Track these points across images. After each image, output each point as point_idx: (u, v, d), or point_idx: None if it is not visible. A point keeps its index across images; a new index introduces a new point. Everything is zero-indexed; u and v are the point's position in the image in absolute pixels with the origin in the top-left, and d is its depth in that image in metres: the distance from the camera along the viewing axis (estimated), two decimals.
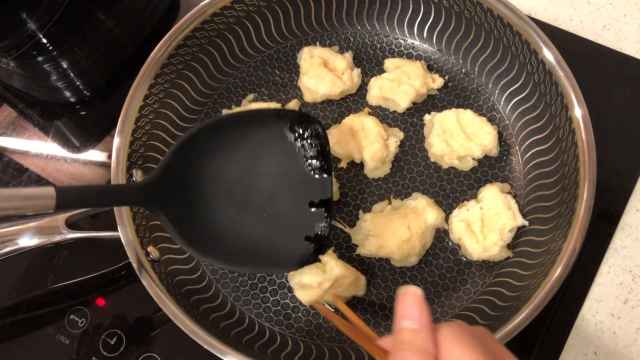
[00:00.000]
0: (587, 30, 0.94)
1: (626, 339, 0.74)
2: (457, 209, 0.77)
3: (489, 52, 0.82)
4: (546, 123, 0.76)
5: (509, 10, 0.76)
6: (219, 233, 0.65)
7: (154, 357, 0.74)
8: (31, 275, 0.80)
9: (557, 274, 0.64)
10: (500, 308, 0.69)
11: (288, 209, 0.69)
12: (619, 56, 0.91)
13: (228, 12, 0.82)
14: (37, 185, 0.50)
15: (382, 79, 0.84)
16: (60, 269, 0.80)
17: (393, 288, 0.75)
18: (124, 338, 0.75)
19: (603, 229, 0.80)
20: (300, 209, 0.70)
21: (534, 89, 0.78)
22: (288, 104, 0.85)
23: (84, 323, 0.76)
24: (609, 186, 0.81)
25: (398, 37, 0.89)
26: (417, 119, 0.84)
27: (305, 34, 0.89)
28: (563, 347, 0.74)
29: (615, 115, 0.86)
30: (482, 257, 0.74)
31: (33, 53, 0.95)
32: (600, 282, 0.77)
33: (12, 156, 0.90)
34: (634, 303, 0.76)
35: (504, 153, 0.81)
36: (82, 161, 0.89)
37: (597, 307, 0.76)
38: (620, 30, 0.94)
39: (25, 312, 0.78)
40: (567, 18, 0.95)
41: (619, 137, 0.85)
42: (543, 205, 0.74)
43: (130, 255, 0.67)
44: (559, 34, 0.92)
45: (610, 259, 0.78)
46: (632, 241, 0.79)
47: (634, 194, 0.82)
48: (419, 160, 0.81)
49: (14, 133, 0.92)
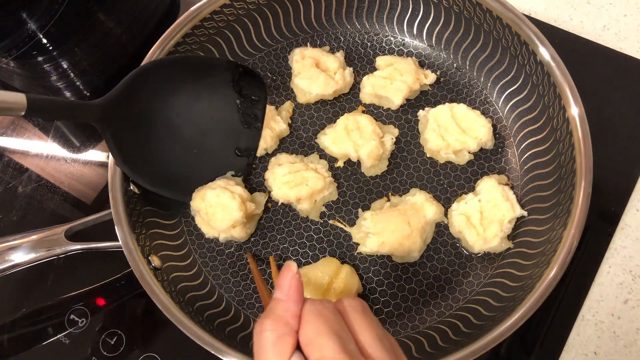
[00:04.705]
0: (587, 30, 0.94)
1: (626, 339, 0.74)
2: (455, 203, 0.77)
3: (479, 45, 0.83)
4: (540, 113, 0.77)
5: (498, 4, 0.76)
6: (151, 157, 0.73)
7: (154, 357, 0.74)
8: (31, 276, 0.80)
9: (559, 262, 0.65)
10: (504, 299, 0.69)
11: (217, 149, 0.79)
12: (619, 56, 0.91)
13: (218, 16, 0.82)
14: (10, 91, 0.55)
15: (375, 76, 0.84)
16: (60, 269, 0.80)
17: (396, 285, 0.75)
18: (124, 338, 0.75)
19: (603, 229, 0.80)
20: (227, 152, 0.80)
21: (526, 80, 0.78)
22: (282, 106, 0.85)
23: (84, 323, 0.76)
24: (609, 186, 0.82)
25: (388, 34, 0.89)
26: (412, 115, 0.84)
27: (295, 35, 0.89)
28: (563, 347, 0.74)
29: (615, 115, 0.86)
30: (483, 249, 0.74)
31: (33, 53, 0.94)
32: (600, 282, 0.77)
33: (12, 156, 0.90)
34: (634, 303, 0.76)
35: (499, 145, 0.81)
36: (82, 161, 0.89)
37: (597, 307, 0.76)
38: (620, 30, 0.94)
39: (25, 312, 0.78)
40: (567, 18, 0.95)
41: (619, 137, 0.85)
42: (541, 195, 0.75)
43: (133, 265, 0.67)
44: (559, 34, 0.93)
45: (610, 259, 0.79)
46: (632, 241, 0.80)
47: (634, 194, 0.82)
48: (415, 156, 0.82)
49: (14, 133, 0.92)
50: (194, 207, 0.77)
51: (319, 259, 0.76)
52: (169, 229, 0.77)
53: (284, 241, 0.78)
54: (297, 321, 0.43)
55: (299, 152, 0.83)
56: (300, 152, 0.83)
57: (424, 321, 0.73)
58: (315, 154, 0.82)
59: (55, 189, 0.87)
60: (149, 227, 0.74)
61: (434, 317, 0.73)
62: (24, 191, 0.87)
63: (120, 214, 0.69)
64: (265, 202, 0.80)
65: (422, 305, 0.74)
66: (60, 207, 0.86)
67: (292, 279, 0.46)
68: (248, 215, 0.76)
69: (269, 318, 0.44)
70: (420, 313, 0.73)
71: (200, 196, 0.76)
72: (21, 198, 0.86)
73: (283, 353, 0.42)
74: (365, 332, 0.44)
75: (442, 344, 0.68)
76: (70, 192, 0.87)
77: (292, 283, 0.46)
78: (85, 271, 0.80)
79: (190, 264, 0.76)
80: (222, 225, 0.74)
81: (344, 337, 0.42)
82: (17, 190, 0.87)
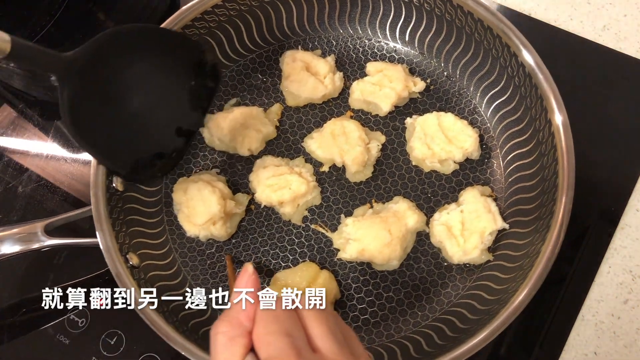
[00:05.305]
0: (587, 30, 0.93)
1: (626, 339, 0.74)
2: (437, 212, 0.77)
3: (470, 55, 0.82)
4: (527, 125, 0.76)
5: (488, 13, 0.75)
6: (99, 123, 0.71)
7: (154, 357, 0.74)
8: (31, 276, 0.81)
9: (535, 277, 0.64)
10: (479, 312, 0.69)
11: (160, 124, 0.78)
12: (619, 56, 0.90)
13: (209, 16, 0.82)
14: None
15: (364, 82, 0.84)
16: (60, 270, 0.80)
17: (374, 292, 0.75)
18: (124, 338, 0.75)
19: (603, 229, 0.80)
20: (168, 129, 0.79)
21: (514, 91, 0.78)
22: (270, 108, 0.85)
23: (84, 323, 0.77)
24: (609, 186, 0.82)
25: (380, 40, 0.89)
26: (399, 122, 0.84)
27: (287, 37, 0.89)
28: (563, 347, 0.74)
29: (615, 115, 0.86)
30: (462, 261, 0.74)
31: None
32: (600, 282, 0.77)
33: (12, 156, 0.90)
34: (634, 303, 0.76)
35: (485, 156, 0.81)
36: (82, 161, 0.89)
37: (597, 307, 0.76)
38: (620, 30, 0.93)
39: (25, 312, 0.78)
40: (567, 18, 0.94)
41: (619, 137, 0.85)
42: (523, 209, 0.74)
43: (109, 262, 0.67)
44: (559, 34, 0.92)
45: (610, 259, 0.78)
46: (632, 241, 0.79)
47: (634, 194, 0.82)
48: (401, 164, 0.81)
49: (14, 133, 0.92)
50: (176, 200, 0.78)
51: (299, 263, 0.76)
52: (151, 227, 0.78)
53: (265, 244, 0.78)
54: (252, 322, 0.44)
55: (285, 155, 0.83)
56: (287, 155, 0.83)
57: (400, 330, 0.73)
58: (301, 157, 0.82)
59: (55, 189, 0.87)
60: (129, 225, 0.74)
61: (409, 327, 0.73)
62: (24, 191, 0.87)
63: (100, 211, 0.70)
64: (248, 204, 0.80)
65: (398, 314, 0.74)
66: (60, 207, 0.86)
67: (248, 281, 0.47)
68: (228, 213, 0.76)
69: (224, 320, 0.44)
70: (397, 322, 0.73)
71: (183, 189, 0.76)
72: (21, 198, 0.87)
73: (235, 354, 0.42)
74: (315, 326, 0.44)
75: (415, 354, 0.68)
76: (70, 192, 0.87)
77: (248, 285, 0.46)
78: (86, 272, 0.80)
79: (170, 263, 0.77)
80: (201, 219, 0.75)
81: (294, 333, 0.42)
82: (17, 190, 0.87)
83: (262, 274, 0.76)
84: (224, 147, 0.83)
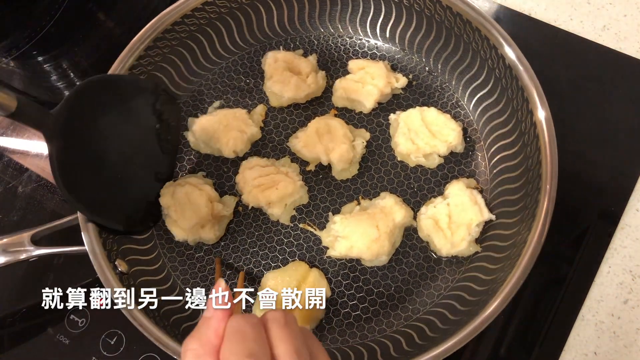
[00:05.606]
0: (587, 30, 0.94)
1: (626, 339, 0.74)
2: (424, 207, 0.77)
3: (451, 49, 0.83)
4: (509, 117, 0.77)
5: (466, 6, 0.76)
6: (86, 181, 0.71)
7: (154, 357, 0.74)
8: (31, 276, 0.80)
9: (522, 267, 0.65)
10: (469, 303, 0.69)
11: (138, 175, 0.78)
12: (619, 56, 0.91)
13: (189, 20, 0.82)
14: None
15: (347, 80, 0.84)
16: (60, 270, 0.80)
17: (364, 288, 0.75)
18: (124, 338, 0.75)
19: (603, 229, 0.80)
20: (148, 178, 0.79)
21: (496, 84, 0.79)
22: (254, 109, 0.85)
23: (84, 323, 0.76)
24: (609, 186, 0.82)
25: (361, 37, 0.89)
26: (383, 118, 0.84)
27: (268, 38, 0.90)
28: (563, 347, 0.74)
29: (615, 115, 0.86)
30: (450, 253, 0.74)
31: (33, 53, 0.95)
32: (600, 282, 0.77)
33: (12, 156, 0.90)
34: (634, 303, 0.76)
35: (469, 149, 0.81)
36: None
37: (597, 307, 0.76)
38: (620, 30, 0.93)
39: (26, 313, 0.78)
40: (567, 18, 0.95)
41: (619, 137, 0.85)
42: (509, 199, 0.75)
43: (98, 270, 0.67)
44: (559, 34, 0.92)
45: (610, 259, 0.79)
46: (632, 241, 0.79)
47: (634, 194, 0.82)
48: (386, 160, 0.82)
49: (14, 133, 0.92)
50: (163, 204, 0.77)
51: (288, 262, 0.76)
52: None
53: (254, 245, 0.78)
54: (221, 340, 0.44)
55: (271, 155, 0.83)
56: (272, 156, 0.83)
57: (391, 325, 0.73)
58: (287, 157, 0.82)
59: (55, 189, 0.87)
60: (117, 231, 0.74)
61: (401, 321, 0.73)
62: (24, 191, 0.87)
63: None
64: (236, 206, 0.80)
65: (389, 309, 0.74)
66: (60, 207, 0.86)
67: (220, 297, 0.47)
68: (216, 216, 0.76)
69: (194, 337, 0.44)
70: (388, 317, 0.73)
71: (170, 193, 0.76)
72: (21, 198, 0.87)
73: None
74: (280, 345, 0.44)
75: (408, 348, 0.68)
76: None
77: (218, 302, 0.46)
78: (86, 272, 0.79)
79: (159, 268, 0.76)
80: (190, 222, 0.75)
81: (258, 354, 0.42)
82: (17, 190, 0.87)
83: (252, 275, 0.77)
84: (209, 150, 0.83)
